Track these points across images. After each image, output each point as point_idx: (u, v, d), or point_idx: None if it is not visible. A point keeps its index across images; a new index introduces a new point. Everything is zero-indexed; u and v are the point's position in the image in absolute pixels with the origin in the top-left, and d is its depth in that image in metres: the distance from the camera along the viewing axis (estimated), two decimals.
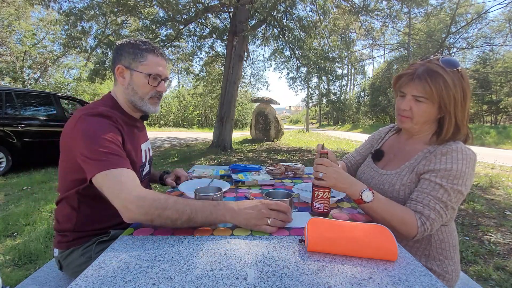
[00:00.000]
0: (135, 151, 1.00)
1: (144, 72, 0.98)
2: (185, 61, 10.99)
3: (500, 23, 18.53)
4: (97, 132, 0.83)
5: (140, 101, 1.01)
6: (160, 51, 1.02)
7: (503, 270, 1.89)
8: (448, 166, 0.84)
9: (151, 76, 0.99)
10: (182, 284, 0.53)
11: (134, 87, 0.99)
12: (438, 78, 0.85)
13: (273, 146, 9.26)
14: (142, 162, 1.07)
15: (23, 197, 3.35)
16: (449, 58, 0.88)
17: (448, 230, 0.94)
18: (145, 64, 0.98)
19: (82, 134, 0.82)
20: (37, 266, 1.86)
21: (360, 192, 0.85)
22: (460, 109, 0.88)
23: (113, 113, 0.93)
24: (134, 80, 0.99)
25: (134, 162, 0.98)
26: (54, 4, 6.65)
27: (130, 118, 1.05)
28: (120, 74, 0.99)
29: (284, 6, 7.51)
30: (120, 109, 1.03)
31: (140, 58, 0.97)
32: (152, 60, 0.99)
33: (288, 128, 24.00)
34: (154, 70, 0.99)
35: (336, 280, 0.56)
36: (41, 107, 5.02)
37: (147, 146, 1.15)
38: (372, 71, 33.84)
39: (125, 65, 0.98)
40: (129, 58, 0.97)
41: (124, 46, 0.98)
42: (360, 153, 1.27)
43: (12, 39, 14.55)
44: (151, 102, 1.03)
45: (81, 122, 0.85)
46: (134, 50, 0.97)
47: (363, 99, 30.72)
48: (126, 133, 0.96)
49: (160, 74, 1.01)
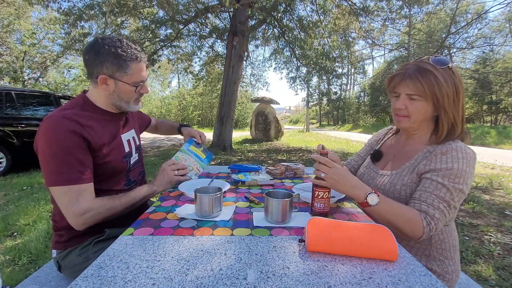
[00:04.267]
0: (113, 143, 1.02)
1: (129, 83, 0.99)
2: (185, 61, 10.99)
3: (500, 23, 18.53)
4: (54, 142, 0.85)
5: (126, 105, 1.04)
6: (141, 54, 1.02)
7: (503, 270, 1.89)
8: (449, 165, 0.84)
9: (135, 84, 1.01)
10: (182, 284, 0.53)
11: (119, 95, 1.01)
12: (429, 75, 0.87)
13: (273, 146, 9.26)
14: (126, 152, 1.09)
15: (23, 197, 3.35)
16: (439, 57, 0.91)
17: (448, 230, 0.94)
18: (130, 74, 0.98)
19: (43, 142, 0.86)
20: (37, 266, 1.86)
21: (365, 195, 0.84)
22: (454, 105, 0.89)
23: (80, 115, 0.94)
24: (120, 89, 1.00)
25: (112, 153, 1.01)
26: (54, 4, 6.65)
27: (104, 113, 1.04)
28: (103, 82, 0.98)
29: (284, 6, 7.51)
30: (92, 108, 1.02)
31: (124, 69, 0.97)
32: (136, 68, 0.99)
33: (288, 128, 23.99)
34: (139, 77, 1.01)
35: (336, 280, 0.56)
36: (41, 107, 5.02)
37: (131, 136, 1.16)
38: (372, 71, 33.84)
39: (109, 75, 0.97)
40: (112, 68, 0.96)
41: (106, 56, 0.94)
42: (361, 157, 1.27)
43: (12, 39, 14.56)
44: (135, 103, 1.08)
45: (44, 127, 0.87)
46: (118, 61, 0.96)
47: (363, 99, 30.72)
48: (97, 129, 0.96)
49: (144, 79, 1.03)
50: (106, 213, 0.92)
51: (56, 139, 0.86)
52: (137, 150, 1.19)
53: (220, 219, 0.85)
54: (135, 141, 1.18)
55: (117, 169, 1.04)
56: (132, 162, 1.13)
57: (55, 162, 0.85)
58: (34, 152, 0.88)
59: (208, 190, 0.91)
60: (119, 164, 1.04)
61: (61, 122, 0.88)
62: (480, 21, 16.45)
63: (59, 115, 0.90)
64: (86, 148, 0.91)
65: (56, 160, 0.85)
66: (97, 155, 0.95)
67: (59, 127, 0.87)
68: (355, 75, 34.37)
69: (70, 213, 0.87)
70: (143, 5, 7.47)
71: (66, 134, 0.86)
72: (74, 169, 0.87)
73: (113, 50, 0.94)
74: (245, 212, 0.93)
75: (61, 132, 0.86)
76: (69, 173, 0.86)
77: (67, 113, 0.91)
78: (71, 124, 0.88)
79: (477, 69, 17.73)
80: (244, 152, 7.67)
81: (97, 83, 0.97)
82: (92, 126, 0.95)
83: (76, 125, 0.89)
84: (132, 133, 1.18)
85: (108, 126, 1.03)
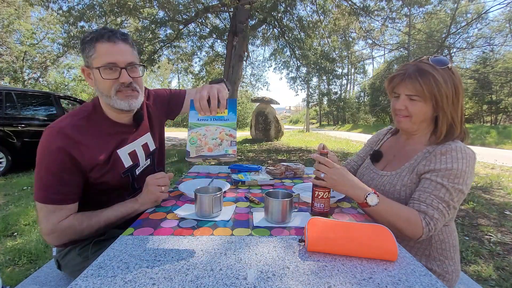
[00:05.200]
0: (109, 163, 0.93)
1: (96, 67, 0.86)
2: (185, 61, 10.99)
3: (500, 23, 18.52)
4: (42, 158, 0.84)
5: (109, 99, 0.90)
6: (110, 34, 0.86)
7: (503, 270, 1.89)
8: (449, 166, 0.84)
9: (101, 68, 0.86)
10: (182, 284, 0.53)
11: (98, 87, 0.90)
12: (428, 76, 0.87)
13: (273, 146, 9.26)
14: (127, 167, 0.99)
15: (23, 197, 3.35)
16: (438, 57, 0.90)
17: (448, 231, 0.94)
18: (95, 57, 0.86)
19: (37, 154, 0.85)
20: (37, 266, 1.86)
21: (365, 195, 0.84)
22: (453, 106, 0.89)
23: (80, 127, 0.88)
24: (96, 78, 0.89)
25: (107, 175, 0.94)
26: (54, 5, 6.65)
27: (111, 125, 0.96)
28: (87, 76, 0.92)
29: (284, 6, 7.51)
30: (99, 117, 0.95)
31: (89, 52, 0.86)
32: (101, 49, 0.85)
33: (288, 128, 23.98)
34: (104, 59, 0.85)
35: (336, 280, 0.56)
36: (41, 107, 5.03)
37: (143, 142, 1.06)
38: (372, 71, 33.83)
39: (86, 65, 0.90)
40: (84, 56, 0.88)
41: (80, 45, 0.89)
42: (361, 157, 1.27)
43: (12, 39, 14.56)
44: (120, 97, 0.90)
45: (41, 139, 0.85)
46: (83, 46, 0.87)
47: (363, 99, 30.72)
48: (92, 147, 0.89)
49: (114, 62, 0.86)
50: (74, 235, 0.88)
51: (44, 155, 0.84)
52: (149, 156, 1.09)
53: (220, 219, 0.85)
54: (147, 147, 1.08)
55: (116, 186, 0.98)
56: (138, 172, 1.05)
57: (39, 177, 0.85)
58: (34, 152, 0.88)
59: (208, 190, 0.91)
60: (117, 181, 0.97)
61: (54, 137, 0.84)
62: (480, 21, 16.43)
63: (57, 127, 0.85)
64: (75, 168, 0.86)
65: (40, 176, 0.84)
66: (88, 176, 0.90)
67: (50, 144, 0.83)
68: (355, 75, 34.36)
69: (40, 229, 0.87)
70: (143, 5, 7.47)
71: (55, 152, 0.83)
72: (53, 188, 0.84)
73: (82, 36, 0.87)
74: (245, 212, 0.93)
75: (51, 149, 0.83)
76: (47, 191, 0.84)
77: (66, 125, 0.86)
78: (64, 141, 0.84)
79: (477, 69, 17.71)
80: (244, 152, 7.66)
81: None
82: (87, 144, 0.88)
83: (68, 143, 0.84)
84: (143, 140, 1.06)
85: (111, 141, 0.95)
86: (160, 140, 1.19)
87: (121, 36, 0.88)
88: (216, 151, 0.77)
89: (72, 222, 0.87)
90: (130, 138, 1.01)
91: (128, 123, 1.01)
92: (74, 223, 0.87)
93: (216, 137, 0.79)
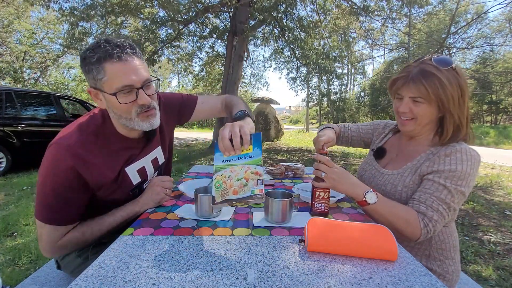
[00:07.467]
0: (117, 182, 0.90)
1: (110, 93, 0.78)
2: (185, 61, 10.98)
3: (500, 23, 18.51)
4: (47, 177, 0.78)
5: (129, 122, 0.84)
6: (119, 51, 0.77)
7: (503, 270, 1.89)
8: (453, 167, 0.83)
9: (117, 94, 0.77)
10: (182, 284, 0.53)
11: (114, 110, 0.83)
12: (432, 78, 0.84)
13: (273, 146, 9.26)
14: (135, 184, 0.96)
15: (23, 197, 3.35)
16: (442, 57, 0.87)
17: (448, 231, 0.93)
18: (107, 81, 0.77)
19: (41, 170, 0.80)
20: (37, 266, 1.86)
21: (363, 193, 0.84)
22: (459, 107, 0.87)
23: (88, 143, 0.82)
24: (110, 102, 0.81)
25: (116, 192, 0.91)
26: (54, 4, 6.65)
27: (120, 139, 0.90)
28: (95, 97, 0.83)
29: (285, 6, 7.51)
30: (109, 131, 0.88)
31: (98, 75, 0.77)
32: (112, 70, 0.76)
33: (288, 128, 23.97)
34: (119, 83, 0.77)
35: (336, 280, 0.56)
36: (41, 107, 5.02)
37: (153, 157, 1.02)
38: (372, 71, 33.82)
39: (93, 87, 0.81)
40: (89, 78, 0.79)
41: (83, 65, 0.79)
42: (359, 132, 1.23)
43: (12, 39, 14.56)
44: (141, 119, 0.84)
45: (46, 155, 0.79)
46: (88, 67, 0.77)
47: (363, 99, 30.70)
48: (101, 165, 0.84)
49: (131, 84, 0.78)
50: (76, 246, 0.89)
51: (51, 174, 0.78)
52: (158, 168, 1.06)
53: (220, 219, 0.85)
54: (157, 162, 1.04)
55: (123, 202, 0.95)
56: (145, 186, 1.02)
57: (42, 195, 0.80)
58: (34, 152, 0.87)
59: (208, 190, 0.91)
60: (124, 198, 0.94)
61: (62, 156, 0.77)
62: (480, 21, 16.42)
63: (65, 144, 0.78)
64: (82, 187, 0.82)
65: (43, 193, 0.80)
66: (95, 193, 0.86)
67: (59, 163, 0.77)
68: (355, 75, 34.34)
69: (40, 245, 0.85)
70: (143, 5, 7.47)
71: (63, 172, 0.77)
72: (56, 209, 0.80)
73: (83, 55, 0.78)
74: (245, 212, 0.93)
75: (59, 169, 0.77)
76: (51, 211, 0.80)
77: (75, 142, 0.79)
78: (72, 160, 0.77)
79: (477, 69, 17.71)
80: None
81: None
82: (96, 163, 0.82)
83: (78, 163, 0.78)
84: (153, 154, 1.02)
85: (119, 158, 0.90)
86: (169, 149, 1.15)
87: (130, 51, 0.79)
88: (242, 193, 0.74)
89: (74, 235, 0.85)
90: (139, 154, 0.96)
91: (138, 137, 0.95)
92: (76, 235, 0.86)
93: (242, 177, 0.75)
